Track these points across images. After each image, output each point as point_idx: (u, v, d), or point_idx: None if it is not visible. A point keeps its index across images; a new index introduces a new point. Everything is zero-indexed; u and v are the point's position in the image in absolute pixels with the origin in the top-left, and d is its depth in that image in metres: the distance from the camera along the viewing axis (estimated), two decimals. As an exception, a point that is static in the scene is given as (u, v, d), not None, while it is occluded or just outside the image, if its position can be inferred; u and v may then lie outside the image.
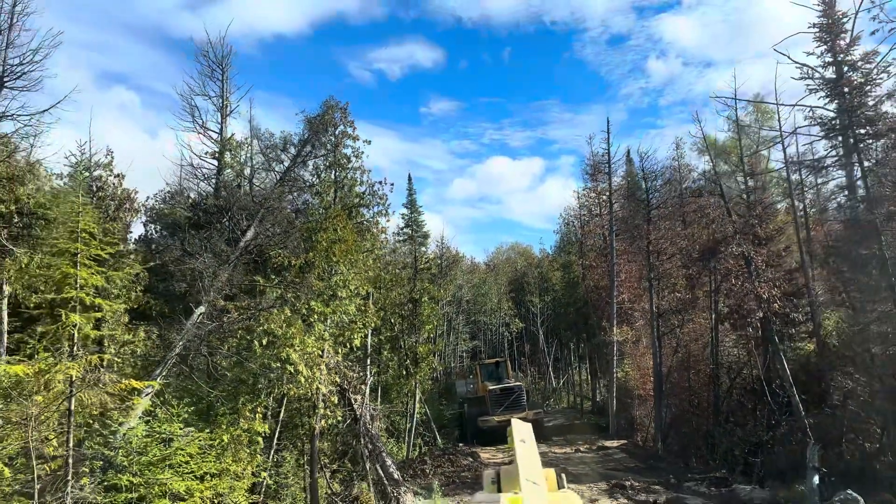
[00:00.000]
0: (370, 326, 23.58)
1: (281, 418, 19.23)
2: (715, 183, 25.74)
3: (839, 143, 19.68)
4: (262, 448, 17.28)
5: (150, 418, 14.89)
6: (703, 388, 29.13)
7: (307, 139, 22.56)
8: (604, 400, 42.83)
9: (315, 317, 18.47)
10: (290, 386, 16.98)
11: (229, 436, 15.96)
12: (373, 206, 24.48)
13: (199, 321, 16.88)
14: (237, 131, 21.95)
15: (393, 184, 25.22)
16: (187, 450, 14.21)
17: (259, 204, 20.05)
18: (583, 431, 37.84)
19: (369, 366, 25.90)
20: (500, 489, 9.22)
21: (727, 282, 25.03)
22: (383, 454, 21.73)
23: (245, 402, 16.69)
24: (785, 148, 24.26)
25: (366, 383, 23.72)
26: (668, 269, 32.45)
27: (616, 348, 35.83)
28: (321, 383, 18.03)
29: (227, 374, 17.52)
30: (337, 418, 19.65)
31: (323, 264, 19.31)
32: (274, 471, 19.56)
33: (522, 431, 10.56)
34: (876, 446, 19.54)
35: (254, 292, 18.35)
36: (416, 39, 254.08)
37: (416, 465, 27.27)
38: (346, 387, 20.85)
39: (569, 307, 54.27)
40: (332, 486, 21.60)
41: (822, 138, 20.32)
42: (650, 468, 25.64)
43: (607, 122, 37.61)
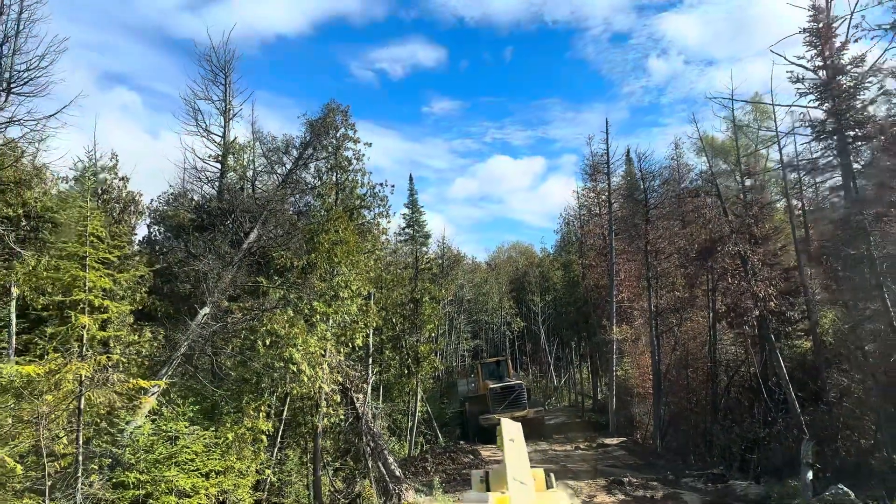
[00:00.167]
0: (372, 326, 23.88)
1: (284, 417, 19.53)
2: (711, 183, 26.01)
3: (831, 144, 19.96)
4: (265, 446, 17.60)
5: (157, 417, 15.22)
6: (701, 385, 29.39)
7: (309, 142, 22.88)
8: (604, 398, 43.09)
9: (317, 317, 18.79)
10: (294, 385, 17.32)
11: (234, 434, 16.29)
12: (374, 208, 24.83)
13: (204, 322, 17.21)
14: (239, 133, 22.39)
15: (394, 185, 25.58)
16: (193, 448, 14.54)
17: (262, 206, 20.38)
18: (583, 429, 38.09)
19: (371, 365, 26.20)
20: (489, 488, 9.43)
21: (724, 281, 25.33)
22: (385, 452, 22.03)
23: (249, 401, 17.02)
24: (781, 148, 24.57)
25: (368, 382, 24.02)
26: (667, 269, 32.74)
27: (616, 347, 36.10)
28: (324, 382, 18.34)
29: (230, 374, 17.85)
30: (339, 417, 19.95)
31: (325, 265, 19.62)
32: (277, 468, 19.86)
33: (511, 430, 10.73)
34: (870, 443, 19.81)
35: (257, 293, 18.68)
36: (418, 39, 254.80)
37: (418, 462, 27.59)
38: (348, 386, 21.15)
39: (569, 306, 54.53)
40: (334, 484, 21.91)
41: (814, 140, 20.59)
42: (649, 465, 25.97)
43: (606, 123, 37.98)
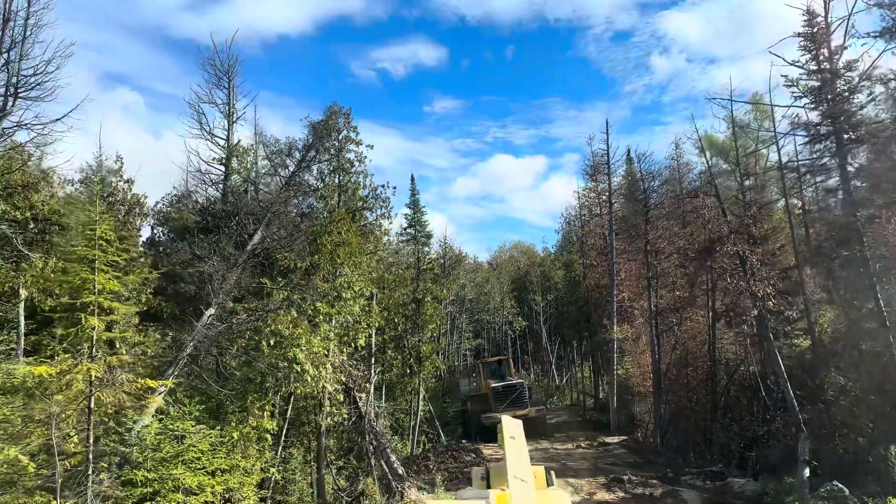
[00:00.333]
0: (374, 326, 24.12)
1: (288, 416, 19.79)
2: (710, 184, 26.23)
3: (828, 146, 20.17)
4: (270, 445, 17.86)
5: (163, 416, 15.47)
6: (700, 384, 29.64)
7: (311, 144, 23.14)
8: (605, 397, 43.34)
9: (321, 317, 19.05)
10: (297, 385, 17.58)
11: (239, 433, 16.56)
12: (376, 209, 25.09)
13: (209, 322, 17.47)
14: (242, 136, 22.59)
15: (395, 187, 25.83)
16: (199, 446, 14.80)
17: (265, 208, 20.64)
18: (584, 428, 38.37)
19: (373, 365, 26.46)
20: (489, 485, 9.60)
21: (723, 280, 25.56)
22: (388, 450, 22.29)
23: (253, 401, 17.29)
24: (780, 149, 24.79)
25: (370, 382, 24.27)
26: (667, 269, 32.97)
27: (616, 346, 36.35)
28: (327, 382, 18.62)
29: (235, 374, 18.11)
30: (343, 416, 20.20)
31: (328, 266, 19.88)
32: (282, 467, 20.12)
33: (512, 428, 10.86)
34: (867, 441, 20.02)
35: (261, 294, 18.95)
36: (419, 38, 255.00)
37: (420, 461, 27.88)
38: (351, 385, 21.41)
39: (570, 305, 54.75)
40: (337, 483, 22.15)
41: (809, 142, 20.81)
42: (649, 463, 26.24)
43: (606, 124, 38.24)
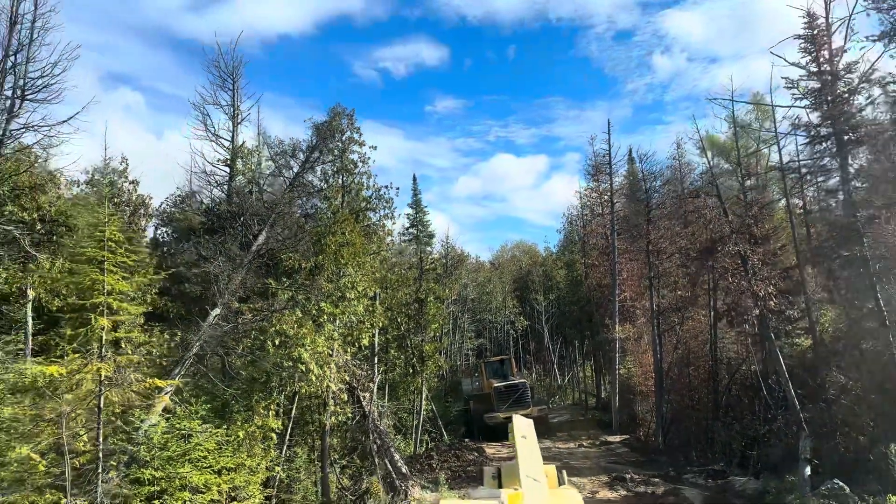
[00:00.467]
0: (378, 326, 24.28)
1: (293, 415, 19.95)
2: (712, 184, 26.35)
3: (829, 147, 20.30)
4: (275, 444, 18.03)
5: (170, 416, 15.63)
6: (702, 383, 29.74)
7: (315, 145, 23.33)
8: (607, 396, 43.45)
9: (325, 317, 19.22)
10: (302, 384, 17.75)
11: (244, 432, 16.72)
12: (379, 210, 25.28)
13: (215, 322, 17.64)
14: (246, 136, 22.76)
15: (399, 188, 26.14)
16: (205, 445, 14.96)
17: (270, 209, 20.81)
18: (586, 427, 38.50)
19: (377, 364, 26.62)
20: (500, 485, 9.70)
21: (724, 280, 25.67)
22: (391, 449, 22.45)
23: (259, 400, 17.46)
24: (780, 149, 24.92)
25: (374, 381, 24.44)
26: (668, 268, 33.08)
27: (618, 345, 36.50)
28: (331, 381, 18.79)
29: (241, 373, 18.28)
30: (347, 415, 20.36)
31: (332, 267, 20.06)
32: (286, 466, 20.29)
33: (523, 427, 10.95)
34: (868, 439, 20.14)
35: (266, 294, 19.11)
36: (421, 38, 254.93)
37: (424, 460, 28.04)
38: (355, 385, 21.57)
39: (572, 305, 54.88)
40: (341, 481, 22.32)
41: (809, 143, 20.95)
42: (651, 462, 26.39)
43: (608, 124, 38.36)
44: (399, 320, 30.05)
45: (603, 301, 42.11)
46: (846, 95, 19.45)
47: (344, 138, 23.89)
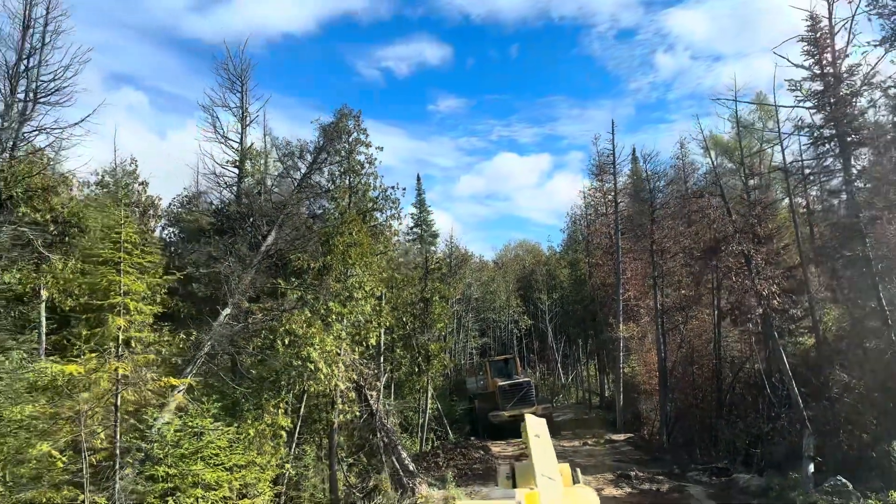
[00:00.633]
0: (385, 325, 24.49)
1: (301, 414, 20.18)
2: (715, 184, 26.54)
3: (830, 148, 20.50)
4: (284, 441, 18.25)
5: (182, 414, 15.88)
6: (706, 382, 29.92)
7: (322, 146, 23.55)
8: (611, 395, 43.66)
9: (333, 317, 19.43)
10: (311, 383, 17.96)
11: (254, 430, 16.96)
12: (386, 210, 25.49)
13: (226, 322, 17.89)
14: (253, 137, 22.99)
15: (405, 188, 26.28)
16: (217, 443, 15.20)
17: (278, 210, 21.06)
18: (591, 426, 38.67)
19: (383, 363, 26.83)
20: (514, 484, 9.75)
21: (728, 279, 25.85)
22: (398, 447, 22.68)
23: (268, 398, 17.69)
24: (784, 149, 25.09)
25: (380, 380, 24.67)
26: (672, 268, 33.27)
27: (622, 344, 36.68)
28: (339, 380, 19.01)
29: (251, 372, 18.52)
30: (355, 413, 20.57)
31: (340, 267, 20.26)
32: (295, 463, 20.51)
33: (537, 427, 11.05)
34: (871, 437, 20.33)
35: (276, 294, 19.34)
36: (424, 37, 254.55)
37: (430, 458, 28.29)
38: (362, 383, 21.80)
39: (576, 304, 55.06)
40: (348, 479, 22.55)
41: (812, 145, 21.16)
42: (655, 460, 26.59)
43: (612, 124, 38.70)
44: (405, 320, 30.24)
45: (607, 300, 42.32)
46: (849, 97, 19.65)
47: (350, 139, 24.08)
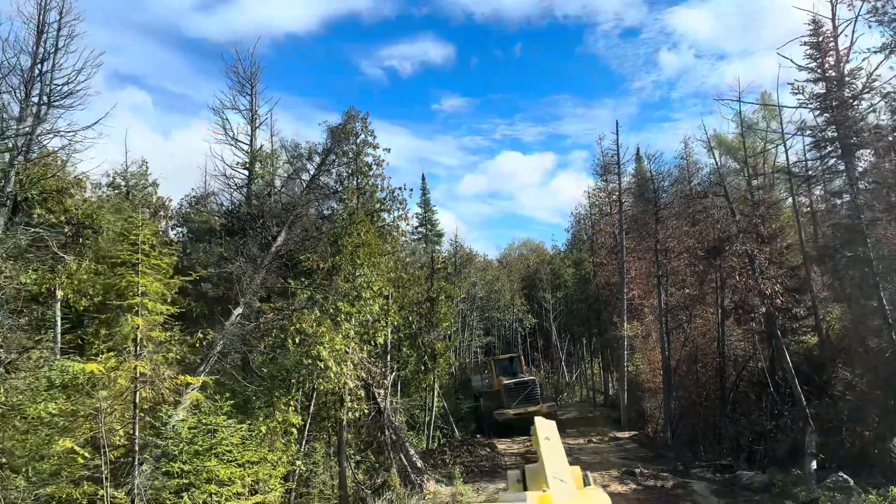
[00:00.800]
0: (392, 325, 24.79)
1: (311, 411, 20.49)
2: (719, 185, 26.78)
3: (832, 150, 20.76)
4: (295, 438, 18.58)
5: (196, 411, 16.20)
6: (710, 380, 30.16)
7: (330, 148, 23.90)
8: (616, 393, 43.92)
9: (342, 316, 19.75)
10: (321, 381, 18.30)
11: (266, 427, 17.28)
12: (393, 211, 25.81)
13: (238, 321, 18.23)
14: (261, 138, 23.33)
15: (412, 189, 26.65)
16: (230, 440, 15.52)
17: (288, 211, 21.40)
18: (596, 424, 38.89)
19: (390, 362, 27.14)
20: (525, 487, 9.78)
21: (732, 279, 26.09)
22: (406, 444, 23.04)
23: (279, 396, 18.02)
24: (787, 149, 25.33)
25: (388, 378, 24.98)
26: (676, 267, 33.49)
27: (627, 343, 36.90)
28: (348, 378, 19.33)
29: (263, 371, 18.86)
30: (363, 411, 20.88)
31: (348, 267, 20.58)
32: (305, 460, 20.83)
33: (547, 429, 11.06)
34: (873, 434, 20.57)
35: (286, 294, 19.67)
36: (428, 36, 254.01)
37: (437, 455, 28.59)
38: (370, 381, 22.13)
39: (581, 303, 55.32)
40: (357, 476, 22.88)
41: (814, 148, 21.44)
42: (659, 457, 26.83)
43: (616, 124, 38.95)
44: (411, 319, 30.53)
45: (611, 299, 42.56)
46: (851, 101, 19.90)
47: (358, 141, 24.42)
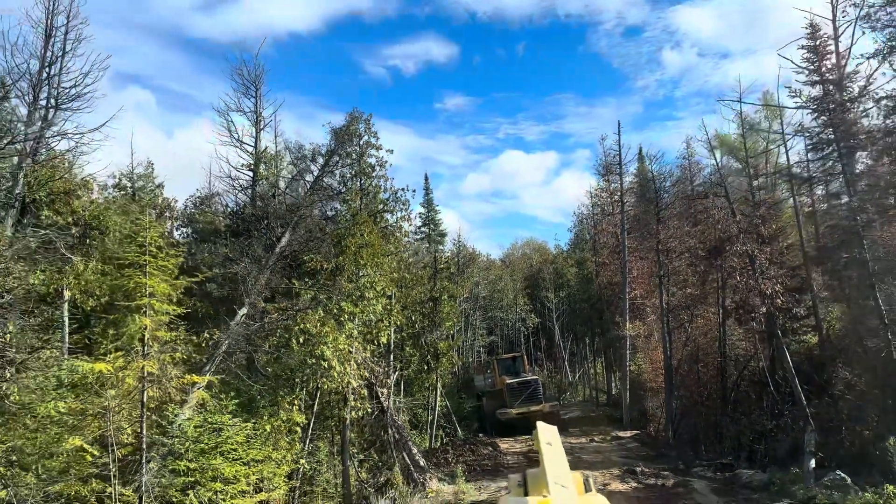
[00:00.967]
0: (395, 324, 24.98)
1: (314, 410, 20.70)
2: (720, 185, 26.92)
3: (830, 152, 20.93)
4: (299, 437, 18.79)
5: (202, 410, 16.42)
6: (711, 380, 30.29)
7: (334, 150, 24.12)
8: (618, 392, 44.09)
9: (345, 316, 19.96)
10: (325, 380, 18.51)
11: (270, 426, 17.49)
12: (396, 212, 26.02)
13: (242, 321, 18.45)
14: (265, 140, 23.54)
15: (415, 190, 26.87)
16: (235, 438, 15.73)
17: (292, 212, 21.61)
18: (598, 423, 39.06)
19: (393, 361, 27.35)
20: (526, 492, 9.82)
21: (733, 279, 26.23)
22: (409, 443, 23.23)
23: (284, 395, 18.23)
24: (788, 150, 25.49)
25: (391, 377, 25.18)
26: (678, 267, 33.62)
27: (629, 343, 37.08)
28: (352, 378, 19.55)
29: (267, 370, 19.08)
30: (367, 410, 21.09)
31: (352, 267, 20.79)
32: (309, 458, 21.04)
33: (548, 434, 11.13)
34: (872, 433, 20.72)
35: (290, 294, 19.88)
36: (430, 35, 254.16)
37: (440, 454, 28.79)
38: (373, 381, 22.33)
39: (583, 303, 55.42)
40: (360, 474, 23.09)
41: (812, 150, 21.61)
42: (661, 456, 27.01)
43: (618, 125, 39.06)
44: (414, 318, 30.71)
45: (613, 299, 42.69)
46: (848, 104, 20.09)
47: (362, 142, 24.63)
